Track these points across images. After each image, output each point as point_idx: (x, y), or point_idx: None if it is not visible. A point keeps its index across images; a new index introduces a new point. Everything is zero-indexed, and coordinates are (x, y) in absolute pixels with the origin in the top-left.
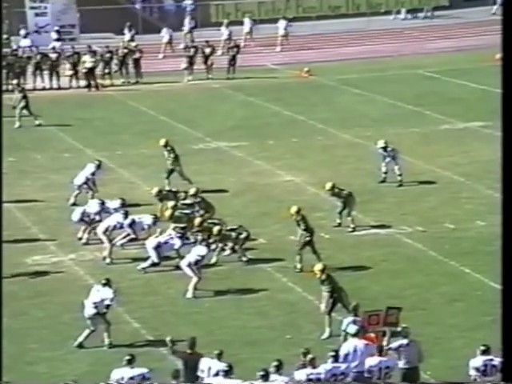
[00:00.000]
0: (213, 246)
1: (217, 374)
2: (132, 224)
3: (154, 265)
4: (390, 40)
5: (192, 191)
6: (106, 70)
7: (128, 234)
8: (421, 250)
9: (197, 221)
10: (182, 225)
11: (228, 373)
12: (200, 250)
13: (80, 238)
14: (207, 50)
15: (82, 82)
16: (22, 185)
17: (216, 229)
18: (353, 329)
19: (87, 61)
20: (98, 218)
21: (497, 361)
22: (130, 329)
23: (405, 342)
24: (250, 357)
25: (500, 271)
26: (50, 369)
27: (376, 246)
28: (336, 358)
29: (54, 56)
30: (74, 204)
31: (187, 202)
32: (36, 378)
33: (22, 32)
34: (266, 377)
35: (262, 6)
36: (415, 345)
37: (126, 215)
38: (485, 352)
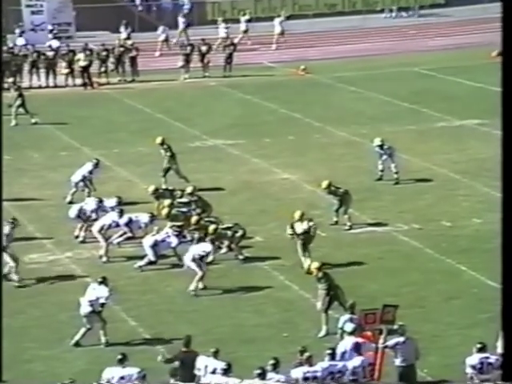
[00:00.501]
0: None
1: (213, 372)
2: (129, 222)
3: (150, 263)
4: (386, 38)
5: (189, 189)
6: (103, 69)
7: (124, 233)
8: (417, 248)
9: (193, 219)
10: (178, 223)
11: (227, 371)
12: (205, 247)
13: (77, 236)
14: (203, 48)
15: (78, 81)
16: (19, 183)
17: (212, 227)
18: (349, 327)
19: (81, 59)
20: (94, 216)
21: (493, 358)
22: (127, 327)
23: (401, 339)
24: (247, 355)
25: (499, 269)
26: (47, 367)
27: (372, 244)
28: (333, 356)
29: (50, 54)
30: (71, 202)
31: (184, 200)
32: (33, 376)
33: (18, 30)
34: (262, 375)
35: (258, 3)
36: (412, 342)
37: (121, 214)
38: (481, 350)
